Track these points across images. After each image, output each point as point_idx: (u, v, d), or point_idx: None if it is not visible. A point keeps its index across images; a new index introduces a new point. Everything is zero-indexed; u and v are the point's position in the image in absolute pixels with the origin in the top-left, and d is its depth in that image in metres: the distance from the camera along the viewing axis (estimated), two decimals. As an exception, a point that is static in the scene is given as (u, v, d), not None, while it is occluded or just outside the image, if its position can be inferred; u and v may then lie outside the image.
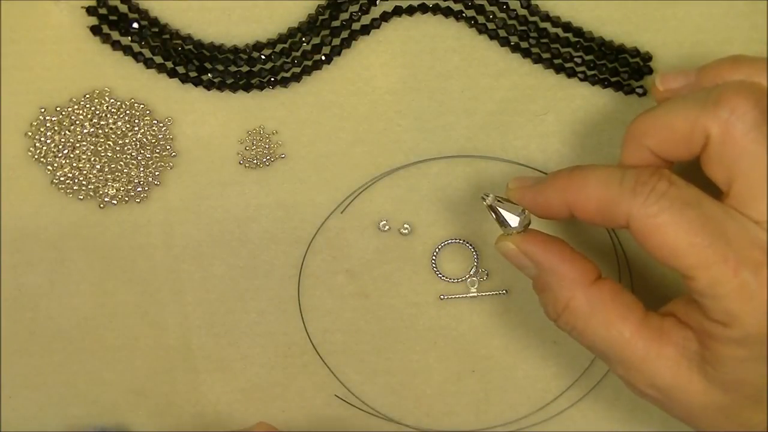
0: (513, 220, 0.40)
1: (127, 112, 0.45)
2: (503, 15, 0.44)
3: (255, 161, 0.45)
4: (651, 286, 0.46)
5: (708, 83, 0.38)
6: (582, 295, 0.38)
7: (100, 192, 0.45)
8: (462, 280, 0.46)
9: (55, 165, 0.45)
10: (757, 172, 0.34)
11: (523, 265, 0.40)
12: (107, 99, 0.45)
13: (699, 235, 0.34)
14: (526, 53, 0.44)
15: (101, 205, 0.45)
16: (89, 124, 0.45)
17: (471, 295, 0.46)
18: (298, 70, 0.44)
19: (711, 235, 0.34)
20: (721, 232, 0.34)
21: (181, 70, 0.44)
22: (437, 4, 0.44)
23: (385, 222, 0.46)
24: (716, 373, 0.36)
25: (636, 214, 0.35)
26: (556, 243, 0.39)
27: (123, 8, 0.44)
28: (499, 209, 0.40)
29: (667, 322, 0.37)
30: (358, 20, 0.44)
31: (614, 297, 0.38)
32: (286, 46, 0.44)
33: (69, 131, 0.45)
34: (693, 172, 0.37)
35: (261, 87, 0.45)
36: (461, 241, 0.46)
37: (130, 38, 0.44)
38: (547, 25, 0.44)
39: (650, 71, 0.44)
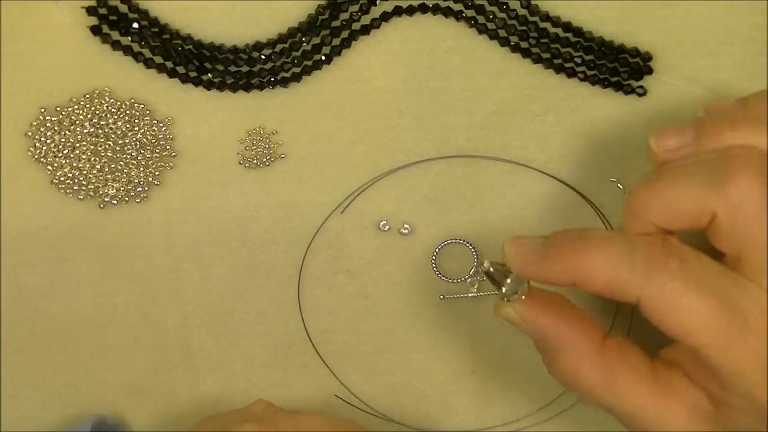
0: (512, 288, 0.38)
1: (127, 112, 0.45)
2: (503, 15, 0.44)
3: (255, 161, 0.45)
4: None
5: (708, 147, 0.36)
6: (589, 365, 0.37)
7: (100, 192, 0.45)
8: (462, 280, 0.46)
9: (55, 165, 0.45)
10: None
11: (527, 331, 0.39)
12: (107, 99, 0.45)
13: (715, 317, 0.33)
14: (526, 53, 0.44)
15: (101, 205, 0.45)
16: (89, 124, 0.45)
17: (471, 295, 0.46)
18: (298, 70, 0.44)
19: (727, 314, 0.33)
20: (737, 310, 0.33)
21: (181, 70, 0.44)
22: (437, 4, 0.44)
23: (385, 222, 0.46)
24: (732, 426, 0.35)
25: (648, 294, 0.34)
26: (559, 306, 0.38)
27: (123, 8, 0.44)
28: (497, 277, 0.38)
29: (675, 376, 0.37)
30: (358, 20, 0.44)
31: (622, 360, 0.37)
32: (286, 46, 0.44)
33: (69, 131, 0.45)
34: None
35: (261, 87, 0.45)
36: (461, 241, 0.46)
37: (130, 38, 0.44)
38: (547, 25, 0.44)
39: (650, 71, 0.44)
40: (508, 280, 0.38)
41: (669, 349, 0.38)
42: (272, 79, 0.44)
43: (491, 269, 0.38)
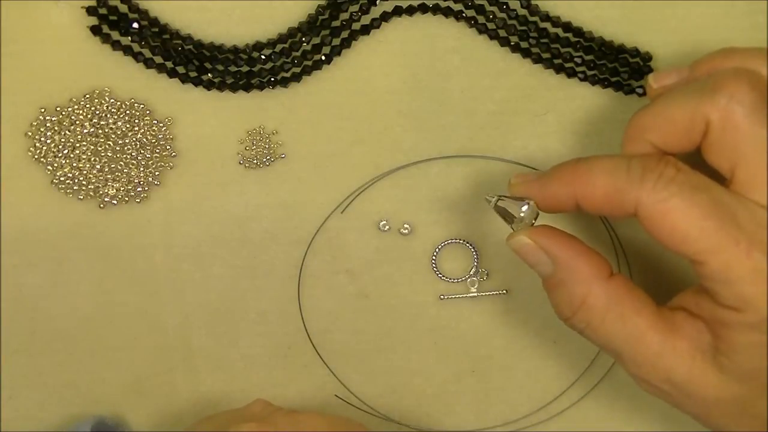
0: (523, 213, 0.39)
1: (127, 112, 0.45)
2: (503, 15, 0.44)
3: (255, 161, 0.45)
4: (649, 282, 0.46)
5: (701, 75, 0.38)
6: (599, 290, 0.37)
7: (100, 192, 0.45)
8: (462, 280, 0.46)
9: (55, 165, 0.45)
10: (760, 156, 0.35)
11: (538, 261, 0.39)
12: (107, 99, 0.45)
13: (709, 219, 0.34)
14: (526, 53, 0.44)
15: (101, 205, 0.45)
16: (89, 124, 0.45)
17: (471, 295, 0.46)
18: (298, 70, 0.44)
19: (721, 218, 0.34)
20: (730, 216, 0.34)
21: (181, 70, 0.44)
22: (437, 4, 0.44)
23: (385, 222, 0.46)
24: (731, 363, 0.35)
25: (645, 200, 0.35)
26: (569, 237, 0.39)
27: (123, 8, 0.44)
28: (506, 207, 0.39)
29: (678, 315, 0.37)
30: (358, 20, 0.44)
31: (628, 292, 0.38)
32: (286, 46, 0.44)
33: (69, 131, 0.45)
34: (694, 167, 0.37)
35: (261, 87, 0.45)
36: (461, 241, 0.46)
37: (130, 38, 0.44)
38: (547, 25, 0.44)
39: (650, 71, 0.44)
40: (518, 208, 0.39)
41: (672, 301, 0.38)
42: (272, 79, 0.44)
43: (500, 202, 0.39)
